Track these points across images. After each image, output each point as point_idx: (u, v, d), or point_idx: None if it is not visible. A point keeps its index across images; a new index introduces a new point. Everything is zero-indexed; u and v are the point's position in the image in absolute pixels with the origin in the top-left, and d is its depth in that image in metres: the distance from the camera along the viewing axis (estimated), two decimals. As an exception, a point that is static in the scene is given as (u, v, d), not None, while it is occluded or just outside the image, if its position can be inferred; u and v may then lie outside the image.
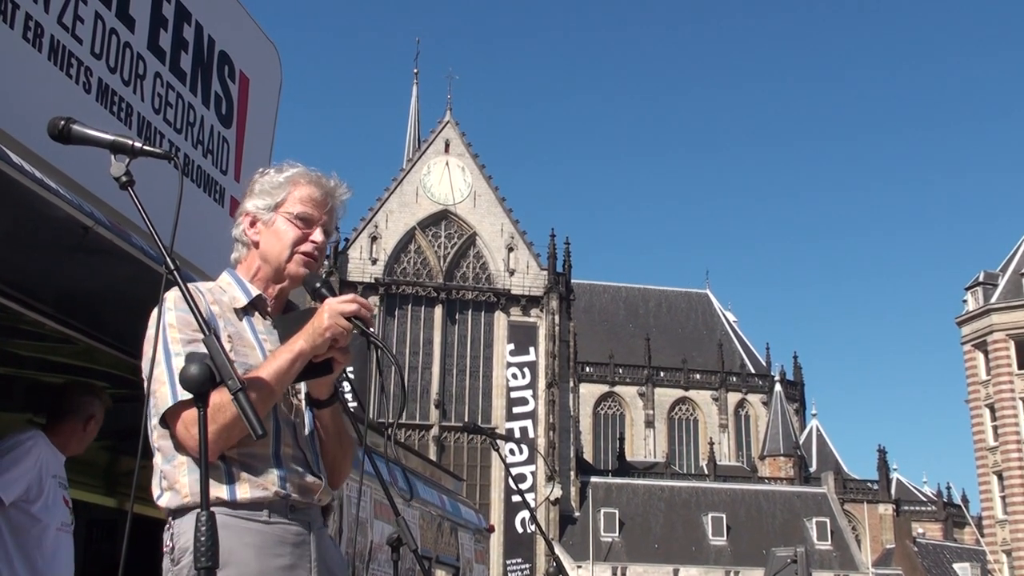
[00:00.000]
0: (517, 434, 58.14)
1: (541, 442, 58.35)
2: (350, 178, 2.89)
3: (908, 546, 64.92)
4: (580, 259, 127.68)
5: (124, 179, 2.29)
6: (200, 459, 2.13)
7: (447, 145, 64.73)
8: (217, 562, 2.05)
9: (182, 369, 2.13)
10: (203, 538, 2.03)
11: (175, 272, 2.24)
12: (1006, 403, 53.70)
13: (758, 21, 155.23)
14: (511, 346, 60.99)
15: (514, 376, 60.24)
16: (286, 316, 2.68)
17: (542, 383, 59.96)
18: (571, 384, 62.69)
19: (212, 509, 2.28)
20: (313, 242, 2.71)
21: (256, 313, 2.69)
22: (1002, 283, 55.80)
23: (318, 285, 2.62)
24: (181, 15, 4.65)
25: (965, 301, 57.61)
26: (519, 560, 55.60)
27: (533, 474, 57.65)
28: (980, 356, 55.86)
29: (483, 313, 62.12)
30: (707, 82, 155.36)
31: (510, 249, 63.59)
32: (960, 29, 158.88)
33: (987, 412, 55.07)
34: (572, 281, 64.32)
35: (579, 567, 56.41)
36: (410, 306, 60.67)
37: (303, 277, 2.72)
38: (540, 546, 55.35)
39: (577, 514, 59.83)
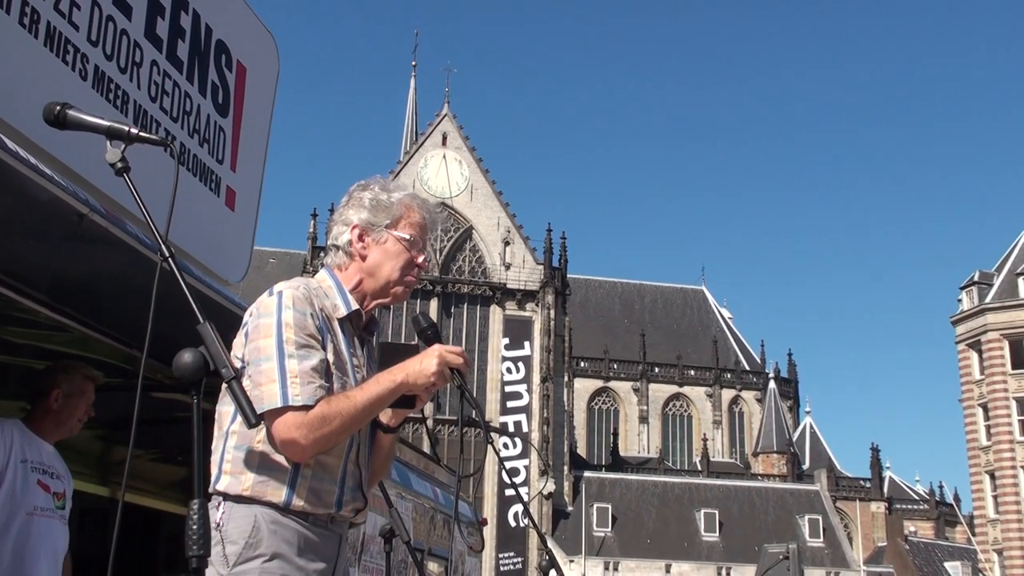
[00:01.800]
0: (511, 428, 58.18)
1: (535, 436, 58.39)
2: (347, 170, 2.96)
3: (900, 544, 65.10)
4: (576, 254, 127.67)
5: (120, 165, 2.28)
6: (195, 447, 2.12)
7: (444, 138, 64.69)
8: (208, 551, 2.04)
9: (175, 357, 2.13)
10: (195, 526, 2.01)
11: (170, 260, 2.23)
12: (999, 403, 53.79)
13: (756, 17, 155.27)
14: (506, 340, 60.99)
15: (509, 370, 60.26)
16: (388, 345, 2.77)
17: (537, 377, 59.99)
18: (565, 379, 62.72)
19: (263, 508, 2.50)
20: (420, 266, 2.86)
21: (349, 325, 2.78)
22: (997, 283, 55.87)
23: (425, 325, 2.79)
24: (178, 3, 4.63)
25: (960, 300, 57.67)
26: (511, 554, 55.65)
27: (527, 468, 57.68)
28: (974, 355, 55.93)
29: (479, 307, 62.13)
30: (705, 78, 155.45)
31: (506, 243, 63.58)
32: (956, 27, 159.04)
33: (980, 411, 55.15)
34: (568, 276, 64.33)
35: (571, 561, 56.49)
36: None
37: (405, 298, 2.88)
38: (533, 540, 55.44)
39: (570, 508, 59.91)
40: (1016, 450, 52.99)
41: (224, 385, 2.44)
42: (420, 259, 2.85)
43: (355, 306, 2.77)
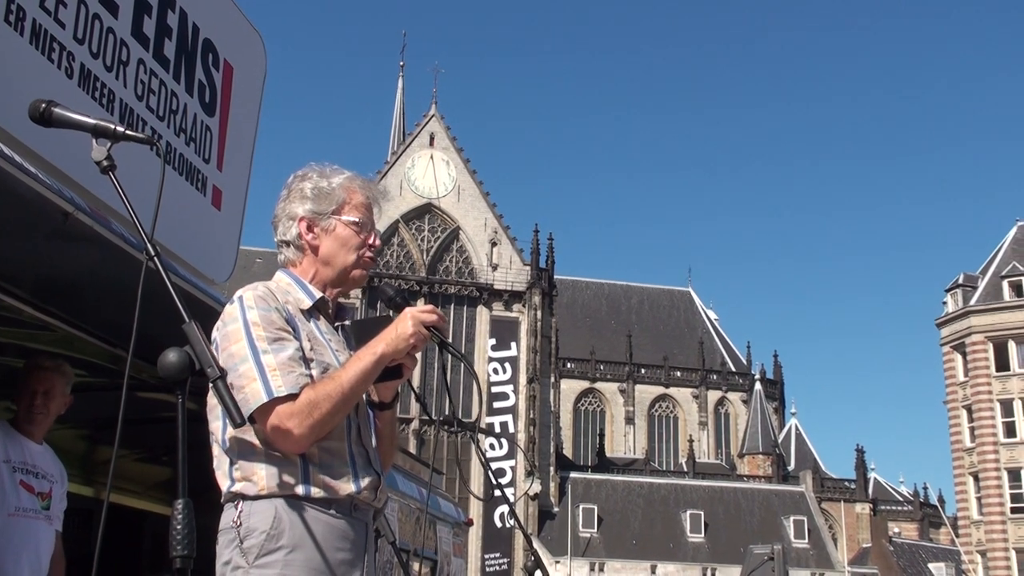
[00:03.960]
0: (497, 429, 58.16)
1: (521, 437, 58.40)
2: None
3: (884, 545, 65.35)
4: (563, 255, 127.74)
5: (105, 163, 2.27)
6: (180, 446, 2.11)
7: (432, 139, 64.62)
8: (194, 551, 2.03)
9: (160, 356, 2.12)
10: (180, 526, 2.00)
11: (156, 259, 2.22)
12: (983, 405, 54.05)
13: (743, 16, 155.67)
14: (493, 341, 60.97)
15: (495, 371, 60.23)
16: (361, 321, 2.78)
17: (523, 378, 59.98)
18: (552, 380, 62.77)
19: (282, 500, 2.48)
20: (373, 247, 2.85)
21: (319, 314, 2.77)
22: (982, 285, 56.15)
23: (392, 294, 2.79)
24: (165, 2, 4.61)
25: (945, 303, 57.94)
26: (497, 554, 55.63)
27: (513, 469, 57.68)
28: (958, 358, 56.19)
29: (465, 307, 62.08)
30: (692, 80, 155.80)
31: (493, 244, 63.56)
32: (939, 27, 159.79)
33: (964, 413, 55.41)
34: (555, 277, 64.37)
35: (557, 562, 56.50)
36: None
37: (364, 280, 2.86)
38: (518, 541, 55.43)
39: (556, 509, 59.93)
40: (1000, 452, 53.26)
41: (210, 385, 2.43)
42: (371, 239, 2.85)
43: (319, 294, 2.77)
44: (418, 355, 2.68)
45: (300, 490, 2.50)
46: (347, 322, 2.87)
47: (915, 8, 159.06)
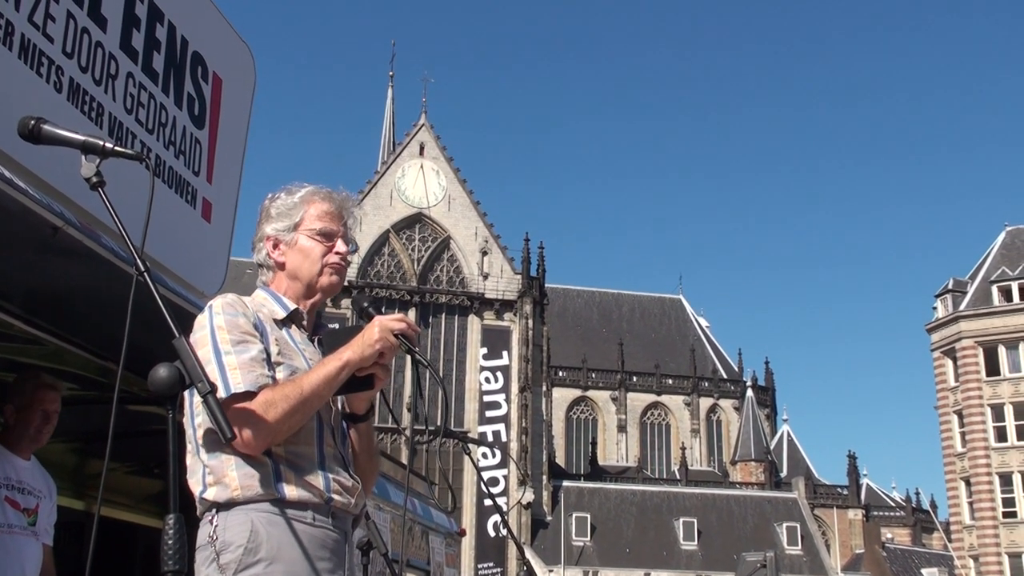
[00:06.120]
0: (490, 438, 58.08)
1: (513, 446, 58.34)
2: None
3: (877, 551, 65.44)
4: (554, 263, 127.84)
5: (94, 180, 2.28)
6: (171, 461, 2.12)
7: (422, 148, 64.66)
8: (186, 566, 2.03)
9: (151, 372, 2.12)
10: (171, 541, 2.00)
11: (146, 273, 2.22)
12: (974, 409, 54.17)
13: (733, 22, 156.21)
14: (484, 350, 60.94)
15: (487, 380, 60.20)
16: (333, 331, 2.79)
17: (515, 387, 59.95)
18: (544, 388, 62.73)
19: (259, 507, 2.47)
20: (338, 253, 2.86)
21: (293, 325, 2.80)
22: (971, 291, 56.34)
23: (365, 304, 2.79)
24: (154, 15, 4.62)
25: (935, 308, 58.10)
26: (490, 564, 55.51)
27: (505, 478, 57.60)
28: (949, 363, 56.33)
29: (456, 317, 62.07)
30: (679, 89, 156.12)
31: (484, 253, 63.57)
32: (929, 39, 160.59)
33: (955, 418, 55.53)
34: (546, 285, 64.39)
35: (550, 571, 56.40)
36: (383, 309, 60.11)
37: (336, 288, 2.88)
38: (511, 550, 55.35)
39: (549, 518, 59.84)
40: (991, 456, 53.38)
41: (199, 400, 2.43)
42: (337, 245, 2.86)
43: (293, 306, 2.80)
44: (391, 366, 2.68)
45: (274, 491, 2.50)
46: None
47: (904, 13, 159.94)
